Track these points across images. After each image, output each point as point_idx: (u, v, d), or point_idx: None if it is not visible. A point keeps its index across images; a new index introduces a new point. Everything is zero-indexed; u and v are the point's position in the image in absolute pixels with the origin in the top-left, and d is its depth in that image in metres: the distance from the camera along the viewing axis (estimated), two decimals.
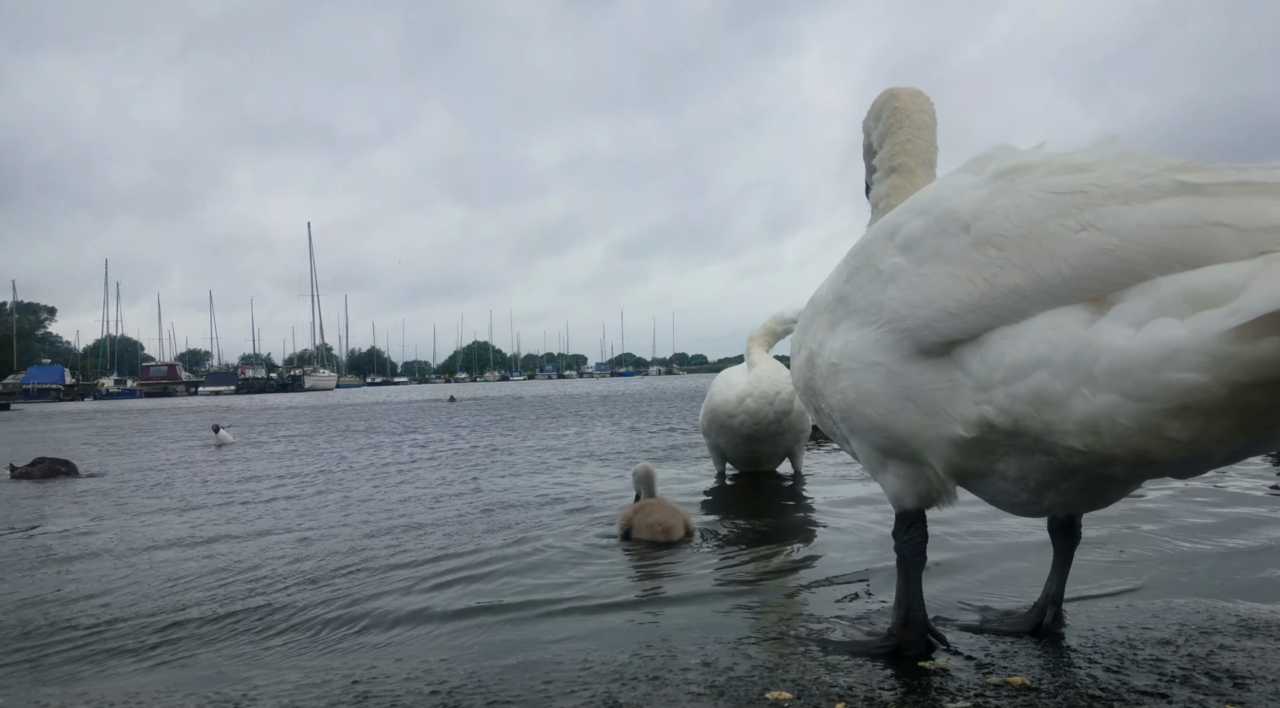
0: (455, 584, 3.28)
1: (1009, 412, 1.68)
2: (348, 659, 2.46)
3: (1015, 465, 1.83)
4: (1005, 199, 1.73)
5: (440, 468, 7.74)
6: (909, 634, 2.23)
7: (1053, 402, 1.59)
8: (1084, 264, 1.55)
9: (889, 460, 2.10)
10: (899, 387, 1.92)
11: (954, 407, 1.81)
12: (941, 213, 1.86)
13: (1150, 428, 1.47)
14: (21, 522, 5.37)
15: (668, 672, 2.21)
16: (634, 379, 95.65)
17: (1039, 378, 1.60)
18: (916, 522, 2.15)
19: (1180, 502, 4.38)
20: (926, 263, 1.85)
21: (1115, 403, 1.48)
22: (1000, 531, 3.76)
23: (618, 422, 13.99)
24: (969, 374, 1.76)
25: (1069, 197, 1.62)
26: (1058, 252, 1.59)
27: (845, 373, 2.06)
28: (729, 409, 5.62)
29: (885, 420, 1.98)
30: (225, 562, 3.87)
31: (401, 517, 4.97)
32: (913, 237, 1.92)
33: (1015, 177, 1.76)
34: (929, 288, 1.82)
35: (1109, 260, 1.52)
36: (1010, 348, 1.66)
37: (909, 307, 1.87)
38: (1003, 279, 1.66)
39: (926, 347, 1.84)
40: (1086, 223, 1.56)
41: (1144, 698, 1.91)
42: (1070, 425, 1.58)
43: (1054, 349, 1.57)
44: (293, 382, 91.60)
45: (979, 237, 1.74)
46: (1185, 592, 2.78)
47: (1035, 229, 1.64)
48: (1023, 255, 1.65)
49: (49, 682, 2.37)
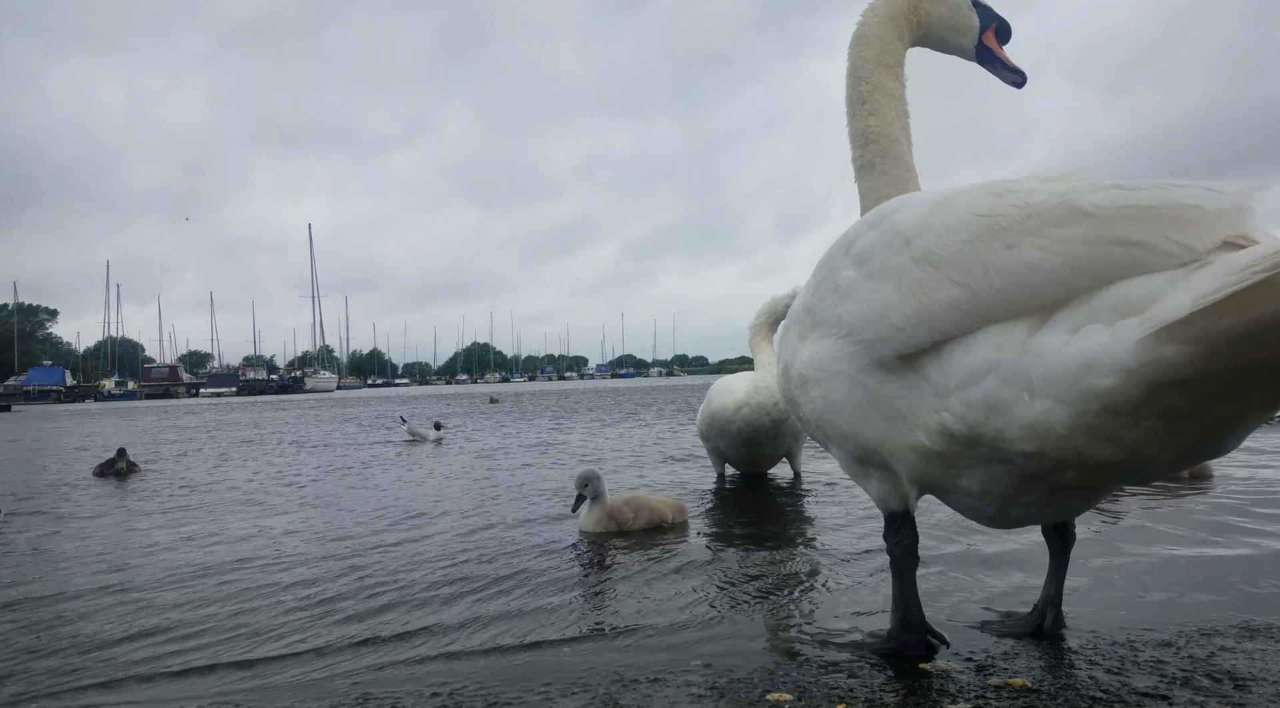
0: (464, 594, 3.28)
1: (964, 418, 1.75)
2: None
3: (979, 478, 1.87)
4: (940, 218, 1.80)
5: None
6: (908, 635, 2.23)
7: (1001, 407, 1.66)
8: (1012, 280, 1.63)
9: (867, 467, 2.14)
10: (862, 396, 1.98)
11: (916, 415, 1.87)
12: (888, 227, 1.93)
13: (1082, 431, 1.54)
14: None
15: (668, 673, 2.22)
16: (634, 381, 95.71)
17: (989, 384, 1.67)
18: (905, 523, 2.16)
19: (1180, 502, 4.38)
20: (876, 278, 1.92)
21: (1050, 408, 1.56)
22: (996, 534, 3.75)
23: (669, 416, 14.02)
24: (929, 382, 1.82)
25: (992, 218, 1.69)
26: (989, 268, 1.66)
27: (814, 383, 2.12)
28: (727, 416, 5.66)
29: (853, 429, 2.04)
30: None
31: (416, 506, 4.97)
32: (864, 251, 1.99)
33: (953, 197, 1.82)
34: (879, 303, 1.89)
35: (1033, 276, 1.60)
36: (964, 355, 1.73)
37: (862, 321, 1.94)
38: (940, 294, 1.74)
39: (882, 360, 1.90)
40: (1010, 243, 1.64)
41: (1145, 700, 1.91)
42: (1016, 431, 1.65)
43: (1002, 355, 1.65)
44: (293, 383, 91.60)
45: (918, 253, 1.81)
46: (1186, 593, 2.78)
47: (965, 248, 1.71)
48: (958, 272, 1.72)
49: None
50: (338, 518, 5.13)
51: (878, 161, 2.51)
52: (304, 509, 5.57)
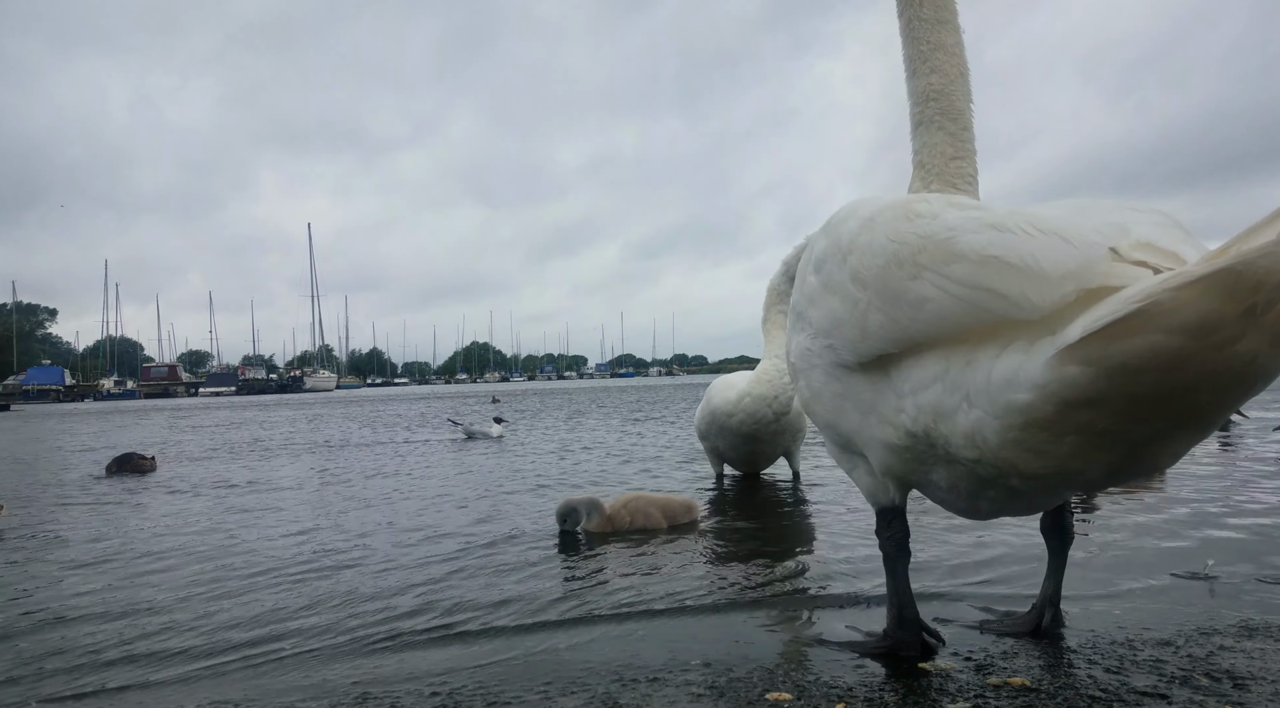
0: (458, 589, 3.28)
1: (917, 421, 1.79)
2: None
3: (945, 475, 1.90)
4: (865, 237, 1.84)
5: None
6: (904, 634, 2.23)
7: (945, 414, 1.71)
8: (917, 312, 1.67)
9: (852, 457, 2.19)
10: (838, 387, 2.04)
11: (882, 410, 1.91)
12: (834, 239, 1.98)
13: (1010, 443, 1.59)
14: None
15: (668, 672, 2.22)
16: (634, 380, 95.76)
17: (936, 391, 1.72)
18: (895, 518, 2.17)
19: (1180, 502, 4.38)
20: (828, 289, 1.97)
21: (981, 419, 1.61)
22: (998, 530, 3.76)
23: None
24: (891, 382, 1.86)
25: (900, 245, 1.72)
26: (900, 298, 1.70)
27: (801, 373, 2.22)
28: (728, 409, 5.64)
29: (833, 418, 2.11)
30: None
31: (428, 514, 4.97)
32: (819, 259, 2.04)
33: (877, 215, 1.84)
34: (832, 314, 1.95)
35: (932, 309, 1.63)
36: (916, 362, 1.76)
37: (822, 329, 2.01)
38: (871, 317, 1.79)
39: (845, 364, 1.96)
40: (912, 274, 1.67)
41: (1144, 699, 1.91)
42: (959, 438, 1.69)
43: (948, 364, 1.68)
44: (292, 383, 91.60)
45: (851, 271, 1.85)
46: (1185, 593, 2.78)
47: (881, 273, 1.75)
48: (879, 297, 1.76)
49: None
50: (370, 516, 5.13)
51: (936, 118, 2.45)
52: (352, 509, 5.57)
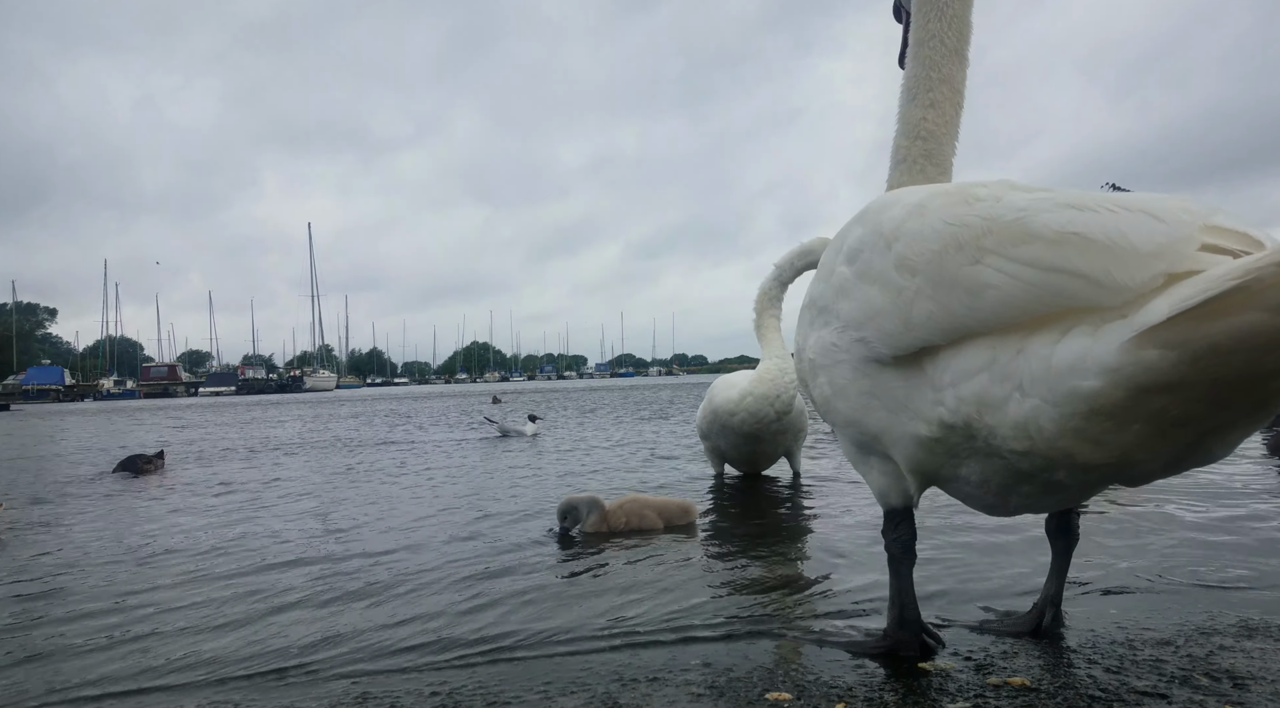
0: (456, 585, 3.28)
1: (958, 413, 1.74)
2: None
3: (977, 470, 1.86)
4: (914, 223, 1.78)
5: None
6: (904, 634, 2.23)
7: (992, 404, 1.65)
8: (977, 299, 1.61)
9: (870, 457, 2.15)
10: (865, 384, 1.98)
11: (915, 406, 1.86)
12: (873, 226, 1.92)
13: (1070, 432, 1.54)
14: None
15: (668, 672, 2.22)
16: (634, 379, 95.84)
17: (981, 381, 1.66)
18: (904, 519, 2.16)
19: (1180, 502, 4.38)
20: (864, 278, 1.91)
21: (1038, 407, 1.55)
22: (999, 530, 3.76)
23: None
24: (925, 376, 1.81)
25: (959, 228, 1.66)
26: (956, 284, 1.64)
27: (821, 369, 2.14)
28: (730, 408, 5.62)
29: (857, 416, 2.04)
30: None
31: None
32: (853, 248, 1.98)
33: (929, 201, 1.78)
34: (868, 305, 1.88)
35: (995, 296, 1.57)
36: (957, 352, 1.71)
37: (855, 321, 1.94)
38: (919, 306, 1.73)
39: (878, 358, 1.90)
40: (974, 258, 1.61)
41: (1144, 698, 1.91)
42: (1007, 429, 1.64)
43: (996, 353, 1.63)
44: (292, 382, 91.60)
45: (896, 259, 1.79)
46: (1185, 592, 2.78)
47: (936, 259, 1.69)
48: (930, 284, 1.70)
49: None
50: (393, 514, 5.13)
51: (920, 161, 2.41)
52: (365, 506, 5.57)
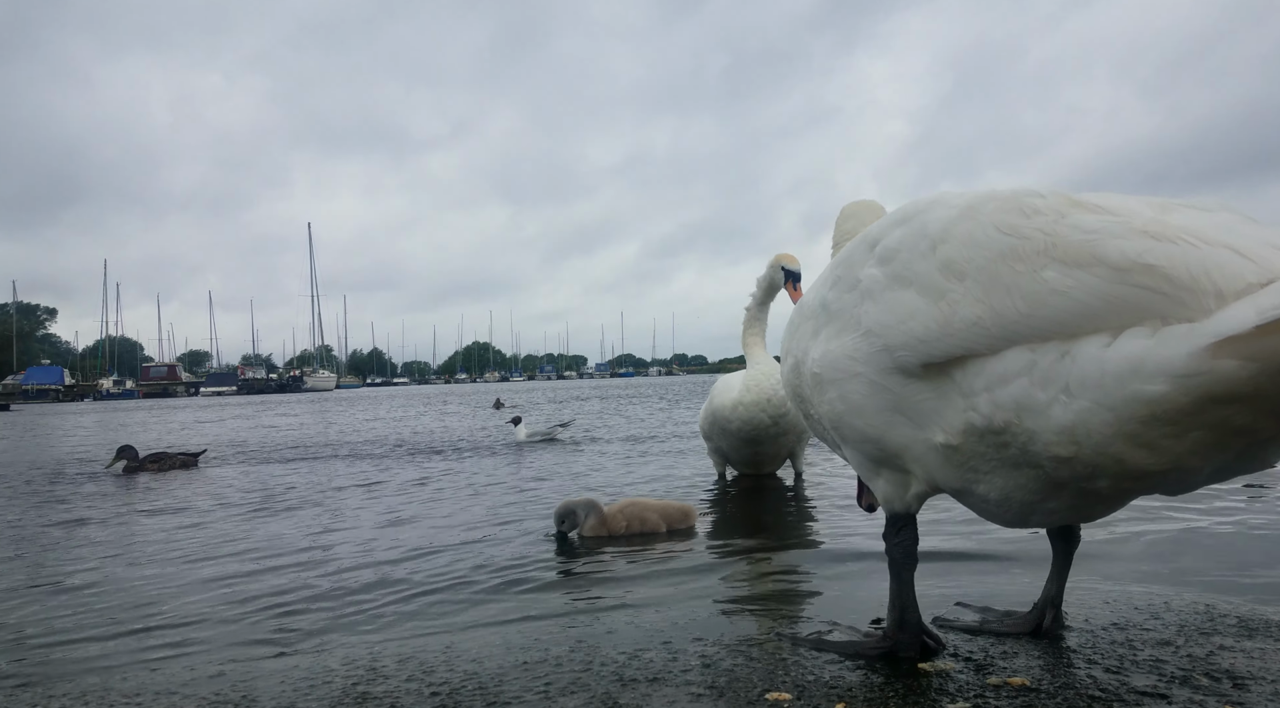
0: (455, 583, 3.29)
1: (992, 418, 1.68)
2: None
3: (999, 484, 1.81)
4: (965, 227, 1.72)
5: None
6: (904, 636, 2.23)
7: (1034, 409, 1.59)
8: (1036, 305, 1.55)
9: (881, 468, 2.09)
10: (885, 399, 1.90)
11: (942, 417, 1.80)
12: (916, 227, 1.85)
13: (1124, 437, 1.48)
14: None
15: (668, 673, 2.21)
16: (635, 379, 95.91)
17: (1021, 384, 1.61)
18: (907, 524, 2.15)
19: (1180, 501, 4.38)
20: (900, 280, 1.84)
21: (1089, 410, 1.49)
22: (999, 529, 3.76)
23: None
24: (955, 384, 1.75)
25: (1017, 240, 1.61)
26: (1013, 290, 1.59)
27: (830, 384, 2.04)
28: (726, 413, 5.61)
29: (877, 433, 1.96)
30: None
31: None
32: (889, 249, 1.90)
33: (980, 206, 1.74)
34: (901, 308, 1.81)
35: (1060, 303, 1.52)
36: (991, 358, 1.66)
37: (883, 325, 1.86)
38: (963, 311, 1.67)
39: (905, 367, 1.83)
40: (1035, 267, 1.57)
41: (1144, 699, 1.91)
42: (1051, 434, 1.58)
43: (1035, 357, 1.58)
44: (292, 382, 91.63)
45: (943, 261, 1.73)
46: (1185, 592, 2.78)
47: (989, 265, 1.64)
48: (981, 290, 1.64)
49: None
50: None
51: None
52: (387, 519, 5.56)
